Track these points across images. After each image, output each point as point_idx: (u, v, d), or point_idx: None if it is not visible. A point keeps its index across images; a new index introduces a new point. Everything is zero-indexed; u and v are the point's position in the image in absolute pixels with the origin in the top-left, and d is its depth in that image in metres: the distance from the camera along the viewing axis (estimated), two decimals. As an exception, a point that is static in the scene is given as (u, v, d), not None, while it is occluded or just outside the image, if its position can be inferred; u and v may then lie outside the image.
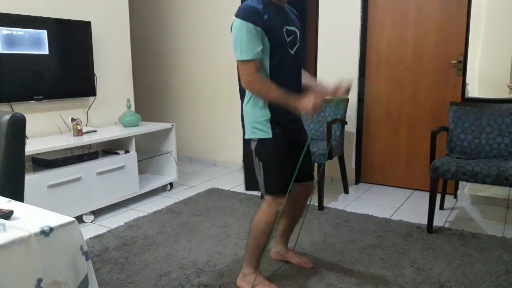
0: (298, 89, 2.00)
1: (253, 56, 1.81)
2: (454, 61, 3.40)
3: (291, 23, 1.95)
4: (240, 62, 1.84)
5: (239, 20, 1.80)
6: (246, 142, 1.99)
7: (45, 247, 1.03)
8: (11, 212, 1.13)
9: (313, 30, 4.08)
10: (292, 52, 1.93)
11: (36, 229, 1.03)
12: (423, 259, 2.39)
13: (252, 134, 1.95)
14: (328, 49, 3.84)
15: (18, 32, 2.87)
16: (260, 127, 1.92)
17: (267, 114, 1.91)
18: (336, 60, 3.81)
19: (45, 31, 3.04)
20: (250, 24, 1.77)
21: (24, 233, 1.00)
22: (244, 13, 1.80)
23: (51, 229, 1.05)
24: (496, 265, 2.30)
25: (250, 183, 2.03)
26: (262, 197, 3.29)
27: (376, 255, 2.45)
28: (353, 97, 3.77)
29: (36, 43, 2.99)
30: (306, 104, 1.79)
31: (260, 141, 1.93)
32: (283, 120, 1.94)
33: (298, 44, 1.97)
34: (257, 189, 2.02)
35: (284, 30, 1.89)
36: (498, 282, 2.13)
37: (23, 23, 2.90)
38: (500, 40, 3.16)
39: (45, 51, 3.06)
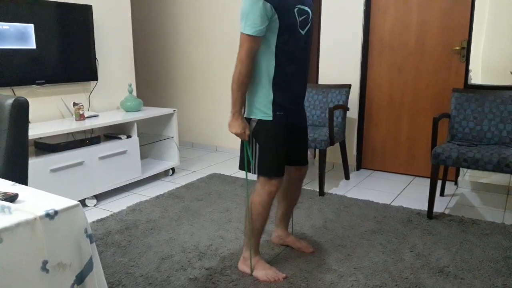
0: (304, 72, 1.98)
1: (255, 33, 1.79)
2: (457, 48, 3.37)
3: (304, 2, 1.90)
4: (243, 34, 1.82)
5: None
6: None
7: (50, 229, 1.04)
8: (16, 195, 1.14)
9: (316, 15, 4.04)
10: (303, 32, 1.90)
11: (41, 212, 1.04)
12: (422, 244, 2.42)
13: (253, 114, 1.94)
14: (331, 34, 3.81)
15: (19, 16, 2.85)
16: (262, 108, 1.92)
17: (270, 95, 1.90)
18: (339, 45, 3.78)
19: (46, 15, 3.02)
20: (260, 0, 1.75)
21: (30, 216, 1.01)
22: None
23: (56, 212, 1.06)
24: (495, 251, 2.33)
25: (242, 163, 2.04)
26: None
27: (376, 240, 2.48)
28: (355, 83, 3.76)
29: (37, 27, 2.97)
30: (233, 127, 1.90)
31: (260, 122, 1.93)
32: (286, 103, 1.93)
33: (309, 24, 1.93)
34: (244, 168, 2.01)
35: (296, 9, 1.85)
36: (497, 267, 2.15)
37: (25, 6, 2.88)
38: (504, 27, 3.13)
39: (47, 35, 3.04)
